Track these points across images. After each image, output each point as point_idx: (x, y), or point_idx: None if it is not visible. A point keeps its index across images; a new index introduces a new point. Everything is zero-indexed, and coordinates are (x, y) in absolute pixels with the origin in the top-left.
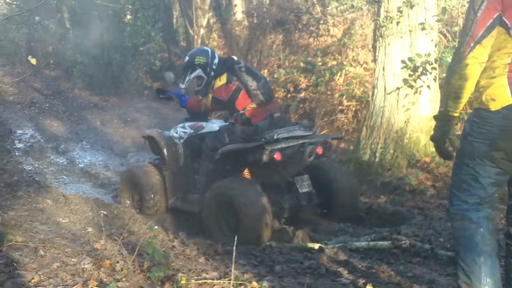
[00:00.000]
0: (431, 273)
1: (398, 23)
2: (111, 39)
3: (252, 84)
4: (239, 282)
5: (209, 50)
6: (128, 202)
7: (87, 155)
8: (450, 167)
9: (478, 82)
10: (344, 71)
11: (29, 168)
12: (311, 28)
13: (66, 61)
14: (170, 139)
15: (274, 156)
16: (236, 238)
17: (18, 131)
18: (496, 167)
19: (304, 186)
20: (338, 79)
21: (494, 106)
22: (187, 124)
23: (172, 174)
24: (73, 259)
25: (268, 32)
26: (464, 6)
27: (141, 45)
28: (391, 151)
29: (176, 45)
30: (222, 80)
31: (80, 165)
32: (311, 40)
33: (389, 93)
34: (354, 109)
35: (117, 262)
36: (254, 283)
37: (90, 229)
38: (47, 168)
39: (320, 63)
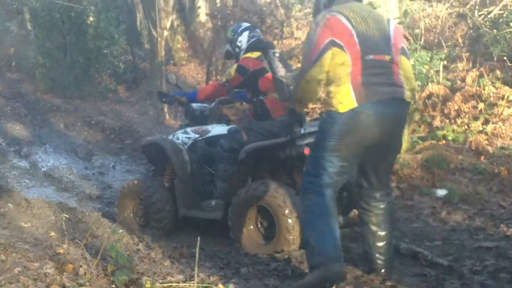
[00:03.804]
0: (395, 274)
1: None
2: (74, 41)
3: (280, 71)
4: (205, 285)
5: (242, 25)
6: (130, 217)
7: (50, 159)
8: (415, 169)
9: (328, 89)
10: None
11: None
12: (275, 30)
13: (28, 63)
14: (176, 146)
15: (304, 151)
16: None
17: None
18: (341, 159)
19: None
20: None
21: (342, 109)
22: (189, 129)
23: (181, 182)
24: (35, 264)
25: None
26: (425, 9)
27: (105, 48)
28: None
29: (140, 47)
30: (253, 55)
31: (43, 169)
32: (275, 42)
33: None
34: (318, 111)
35: (80, 266)
36: (220, 286)
37: (52, 234)
38: (9, 172)
39: None
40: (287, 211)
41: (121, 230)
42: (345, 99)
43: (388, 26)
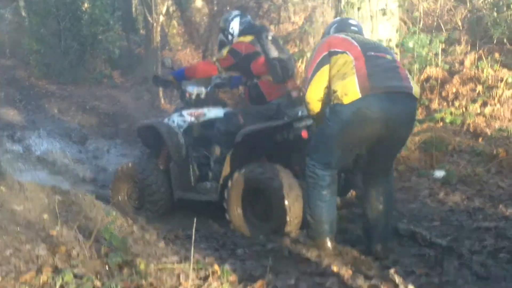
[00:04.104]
0: (393, 254)
1: (359, 8)
2: (69, 27)
3: (273, 53)
4: (200, 266)
5: (233, 13)
6: (124, 200)
7: (44, 143)
8: (412, 151)
9: (333, 89)
10: (305, 58)
11: None
12: (272, 15)
13: (23, 50)
14: (171, 129)
15: (302, 134)
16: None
17: None
18: (342, 148)
19: None
20: (299, 66)
21: (346, 100)
22: (185, 112)
23: (176, 165)
24: (27, 246)
25: None
26: None
27: (100, 34)
28: None
29: (135, 33)
30: (247, 39)
31: (36, 153)
32: (272, 27)
33: None
34: None
35: (73, 248)
36: (216, 267)
37: (45, 216)
38: (2, 156)
39: None
40: (283, 193)
41: (115, 212)
42: (349, 90)
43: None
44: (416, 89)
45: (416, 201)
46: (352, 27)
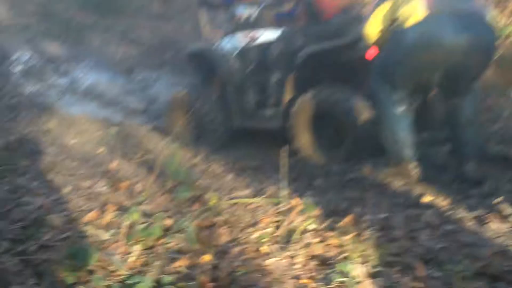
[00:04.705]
0: (490, 180)
1: None
2: None
3: None
4: (277, 200)
5: None
6: (181, 130)
7: (90, 75)
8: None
9: (397, 15)
10: None
11: (30, 90)
12: None
13: None
14: (223, 54)
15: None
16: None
17: (15, 55)
18: (406, 78)
19: None
20: None
21: (409, 22)
22: (237, 35)
23: (232, 92)
24: (86, 182)
25: None
26: None
27: None
28: None
29: None
30: None
31: (83, 85)
32: None
33: None
34: None
35: (136, 183)
36: (296, 200)
37: (101, 149)
38: (49, 89)
39: None
40: (354, 116)
41: (175, 143)
42: (414, 11)
43: None
44: (492, 16)
45: (499, 121)
46: None
